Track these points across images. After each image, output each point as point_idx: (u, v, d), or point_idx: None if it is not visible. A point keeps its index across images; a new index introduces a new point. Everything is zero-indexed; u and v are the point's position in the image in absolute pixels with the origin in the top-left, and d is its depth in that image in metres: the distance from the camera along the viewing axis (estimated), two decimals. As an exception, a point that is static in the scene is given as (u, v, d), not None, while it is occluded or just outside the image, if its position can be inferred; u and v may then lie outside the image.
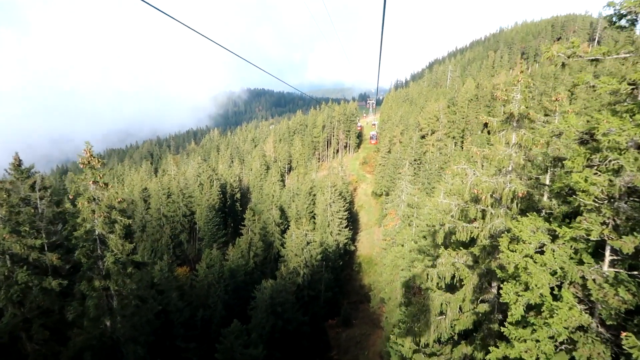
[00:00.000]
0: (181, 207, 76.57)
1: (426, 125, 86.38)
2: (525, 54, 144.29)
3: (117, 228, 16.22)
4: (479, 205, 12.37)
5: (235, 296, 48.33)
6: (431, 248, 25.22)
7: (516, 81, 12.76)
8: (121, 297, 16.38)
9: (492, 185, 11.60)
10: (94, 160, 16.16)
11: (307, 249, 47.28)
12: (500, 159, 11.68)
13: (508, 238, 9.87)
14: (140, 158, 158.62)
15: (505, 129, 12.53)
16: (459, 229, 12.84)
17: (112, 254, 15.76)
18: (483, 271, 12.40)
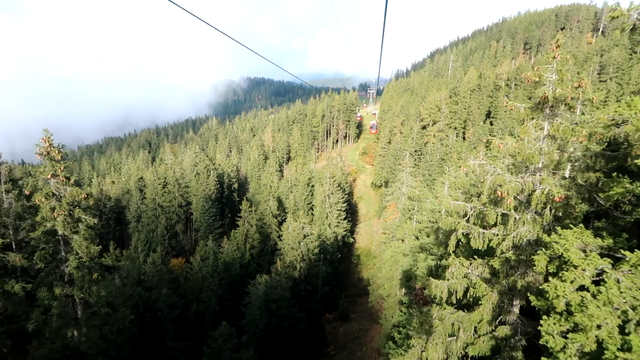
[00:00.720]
0: (177, 197, 74.62)
1: (427, 116, 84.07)
2: (528, 43, 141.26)
3: (81, 228, 14.26)
4: (499, 209, 10.43)
5: (229, 290, 46.63)
6: (435, 247, 23.33)
7: (551, 58, 10.64)
8: (87, 305, 14.51)
9: (519, 186, 9.61)
10: (53, 150, 14.09)
11: (304, 242, 45.42)
12: (530, 153, 9.66)
13: (546, 256, 7.89)
14: (138, 147, 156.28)
15: (536, 117, 10.48)
16: (474, 236, 10.86)
17: (75, 258, 13.83)
18: (504, 288, 10.46)
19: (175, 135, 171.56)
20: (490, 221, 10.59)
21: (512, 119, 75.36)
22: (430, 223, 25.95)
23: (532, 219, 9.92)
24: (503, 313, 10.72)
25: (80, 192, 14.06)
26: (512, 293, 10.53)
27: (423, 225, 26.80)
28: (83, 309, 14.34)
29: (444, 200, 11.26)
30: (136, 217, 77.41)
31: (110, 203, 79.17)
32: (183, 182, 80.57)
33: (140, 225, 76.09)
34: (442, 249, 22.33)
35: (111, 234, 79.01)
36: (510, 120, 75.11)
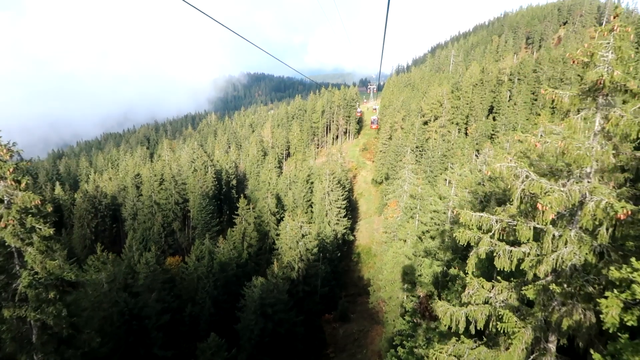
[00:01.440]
0: (173, 194, 72.65)
1: (429, 111, 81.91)
2: (530, 38, 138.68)
3: (35, 239, 12.30)
4: (533, 222, 8.45)
5: (225, 291, 44.72)
6: (440, 251, 21.38)
7: (607, 31, 8.58)
8: (44, 328, 12.60)
9: (563, 197, 7.58)
10: (1, 149, 12.04)
11: (302, 242, 43.50)
12: (581, 155, 7.60)
13: (619, 302, 5.88)
14: (136, 143, 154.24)
15: (586, 108, 8.43)
16: (499, 254, 8.90)
17: (29, 274, 11.89)
18: (540, 323, 8.48)
19: (174, 131, 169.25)
20: (521, 238, 8.63)
21: (515, 114, 73.25)
22: (435, 225, 24.01)
23: (577, 238, 7.93)
24: (538, 353, 8.75)
25: (34, 198, 12.07)
26: (548, 327, 8.57)
27: (427, 227, 24.86)
28: (39, 332, 12.45)
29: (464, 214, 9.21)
30: (132, 214, 75.55)
31: (105, 200, 77.25)
32: (180, 178, 78.58)
33: (137, 223, 74.25)
34: (449, 254, 20.42)
35: (107, 232, 77.19)
36: (514, 116, 72.99)
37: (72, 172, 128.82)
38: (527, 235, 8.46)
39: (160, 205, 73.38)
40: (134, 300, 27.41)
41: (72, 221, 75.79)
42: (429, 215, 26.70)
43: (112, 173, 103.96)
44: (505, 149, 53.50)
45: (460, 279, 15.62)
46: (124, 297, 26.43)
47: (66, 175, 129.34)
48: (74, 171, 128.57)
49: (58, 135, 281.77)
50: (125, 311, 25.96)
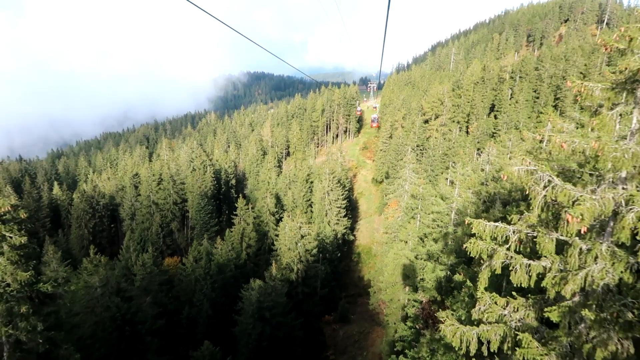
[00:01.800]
0: (172, 194, 71.67)
1: (430, 109, 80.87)
2: (531, 36, 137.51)
3: (5, 249, 11.35)
4: (555, 234, 7.45)
5: (223, 293, 43.81)
6: (444, 255, 20.39)
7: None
8: (18, 344, 11.64)
9: (596, 207, 6.56)
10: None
11: (301, 243, 42.56)
12: (618, 157, 6.55)
13: None
14: (136, 142, 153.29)
15: (624, 102, 7.37)
16: (516, 268, 7.88)
17: (0, 286, 10.95)
18: (565, 349, 7.47)
19: (173, 131, 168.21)
20: (542, 251, 7.62)
21: (517, 113, 72.16)
22: (437, 227, 23.00)
23: (609, 253, 6.90)
24: (562, 381, 7.78)
25: (4, 203, 11.13)
26: (574, 354, 7.53)
27: (430, 229, 23.82)
28: (11, 349, 11.49)
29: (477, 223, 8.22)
30: (130, 214, 74.64)
31: (103, 200, 76.29)
32: (178, 178, 77.60)
33: (135, 223, 73.35)
34: (453, 257, 19.46)
35: (105, 232, 76.25)
36: (515, 114, 71.91)
37: (70, 172, 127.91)
38: (549, 248, 7.44)
39: (159, 205, 72.44)
40: (126, 305, 26.42)
41: (70, 221, 74.88)
42: (431, 217, 25.71)
43: (111, 173, 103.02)
44: (507, 147, 52.51)
45: (467, 287, 14.68)
46: (116, 302, 25.48)
47: (65, 175, 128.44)
48: (72, 171, 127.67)
49: (58, 134, 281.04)
50: (118, 317, 25.03)
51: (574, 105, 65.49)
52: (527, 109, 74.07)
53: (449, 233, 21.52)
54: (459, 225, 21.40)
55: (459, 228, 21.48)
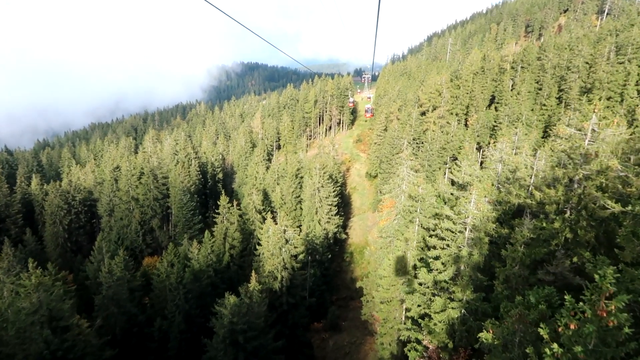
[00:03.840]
0: (152, 189, 66.41)
1: (427, 101, 75.83)
2: (530, 26, 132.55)
3: None
4: None
5: (199, 304, 38.93)
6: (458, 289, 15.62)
7: None
8: None
9: None
10: None
11: (285, 248, 37.72)
12: None
13: None
14: (124, 133, 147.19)
15: None
16: None
17: None
18: None
19: (162, 121, 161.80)
20: None
21: (519, 105, 67.35)
22: (447, 248, 18.15)
23: None
24: None
25: None
26: None
27: (437, 252, 18.78)
28: None
29: None
30: (108, 210, 69.34)
31: (79, 195, 70.79)
32: (161, 172, 72.23)
33: (113, 219, 68.10)
34: (469, 293, 14.82)
35: (82, 230, 70.90)
36: (518, 106, 67.08)
37: (54, 164, 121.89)
38: None
39: (139, 201, 67.20)
40: (58, 339, 21.26)
41: (44, 218, 69.43)
42: (439, 232, 20.63)
43: (95, 165, 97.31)
44: (513, 142, 47.76)
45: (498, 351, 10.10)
46: (45, 335, 20.44)
47: (48, 167, 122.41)
48: (56, 163, 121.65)
49: (47, 124, 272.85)
50: (46, 354, 19.99)
51: (580, 97, 60.78)
52: (530, 100, 69.31)
53: (461, 257, 16.89)
54: (476, 245, 16.76)
55: (475, 250, 16.83)
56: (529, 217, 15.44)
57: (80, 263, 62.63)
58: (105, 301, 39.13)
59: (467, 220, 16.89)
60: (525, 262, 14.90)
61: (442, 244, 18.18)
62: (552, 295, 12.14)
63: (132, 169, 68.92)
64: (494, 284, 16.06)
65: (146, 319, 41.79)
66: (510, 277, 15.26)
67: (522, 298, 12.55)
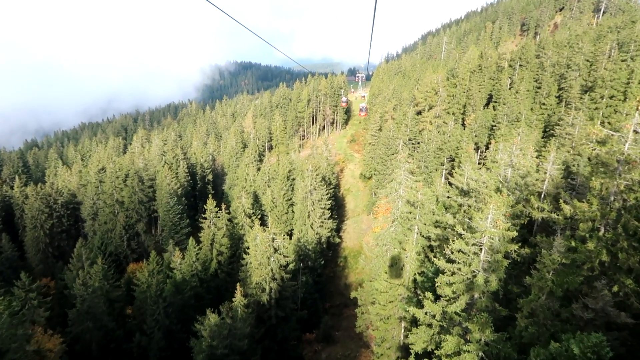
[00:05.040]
0: (137, 192, 63.11)
1: (423, 100, 73.08)
2: (525, 25, 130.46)
3: None
4: None
5: (181, 318, 35.86)
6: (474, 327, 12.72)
7: None
8: None
9: None
10: None
11: (274, 258, 34.72)
12: None
13: None
14: (113, 133, 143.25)
15: None
16: None
17: None
18: None
19: (153, 121, 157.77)
20: None
21: (518, 104, 64.76)
22: (459, 272, 15.09)
23: None
24: None
25: None
26: None
27: (447, 277, 15.63)
28: None
29: None
30: (92, 214, 65.92)
31: (61, 198, 67.26)
32: (147, 174, 68.91)
33: (97, 223, 64.73)
34: (489, 333, 11.95)
35: (65, 234, 67.40)
36: (516, 105, 64.49)
37: (40, 165, 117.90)
38: None
39: (124, 204, 63.88)
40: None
41: (25, 222, 65.85)
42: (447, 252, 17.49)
43: (82, 166, 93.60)
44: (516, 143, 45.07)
45: None
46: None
47: (35, 168, 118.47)
48: (42, 164, 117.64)
49: (38, 123, 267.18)
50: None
51: (582, 96, 58.28)
52: (529, 99, 66.82)
53: (477, 285, 14.03)
54: (493, 270, 13.92)
55: (493, 275, 13.98)
56: (559, 236, 12.72)
57: (62, 269, 59.32)
58: (80, 316, 35.94)
59: (483, 239, 14.08)
60: (556, 292, 12.17)
61: (453, 267, 15.30)
62: (602, 345, 9.29)
63: (117, 170, 65.57)
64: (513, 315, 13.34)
65: (125, 334, 38.69)
66: (536, 310, 12.54)
67: (560, 346, 9.67)
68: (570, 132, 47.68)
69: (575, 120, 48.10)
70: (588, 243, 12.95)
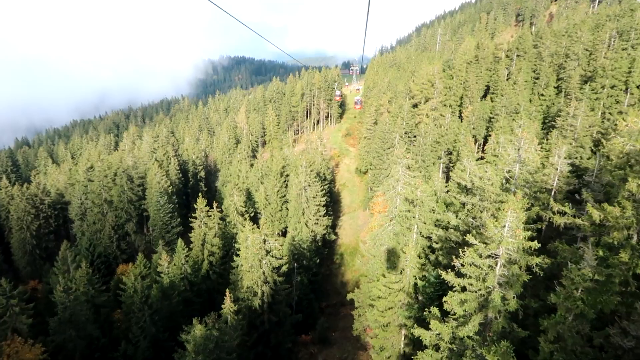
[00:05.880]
0: (125, 191, 60.79)
1: (419, 92, 70.95)
2: (520, 15, 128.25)
3: None
4: None
5: (169, 326, 33.80)
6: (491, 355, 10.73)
7: None
8: None
9: None
10: None
11: (266, 260, 32.69)
12: None
13: None
14: (105, 130, 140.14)
15: None
16: None
17: None
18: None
19: (145, 117, 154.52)
20: None
21: (516, 95, 62.77)
22: (470, 289, 12.98)
23: None
24: None
25: None
26: None
27: (458, 296, 13.43)
28: None
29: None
30: (80, 214, 63.54)
31: (48, 199, 64.80)
32: (137, 172, 66.51)
33: (85, 224, 62.37)
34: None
35: (53, 235, 65.04)
36: (515, 96, 62.50)
37: (30, 164, 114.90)
38: None
39: (113, 203, 61.54)
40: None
41: (11, 223, 63.39)
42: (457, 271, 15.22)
43: (73, 164, 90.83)
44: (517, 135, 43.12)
45: None
46: None
47: (24, 167, 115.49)
48: (32, 162, 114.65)
49: (29, 121, 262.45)
50: None
51: (582, 86, 56.31)
52: (527, 90, 64.92)
53: (493, 304, 12.09)
54: (511, 286, 11.95)
55: (511, 292, 12.00)
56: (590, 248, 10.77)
57: (50, 271, 57.13)
58: (62, 324, 33.80)
59: (499, 251, 12.10)
60: (588, 315, 10.27)
61: (464, 282, 13.28)
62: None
63: (105, 168, 63.16)
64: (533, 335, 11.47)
65: (111, 341, 36.59)
66: (564, 334, 10.60)
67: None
68: (572, 123, 45.71)
69: (577, 111, 46.15)
70: (621, 253, 11.03)
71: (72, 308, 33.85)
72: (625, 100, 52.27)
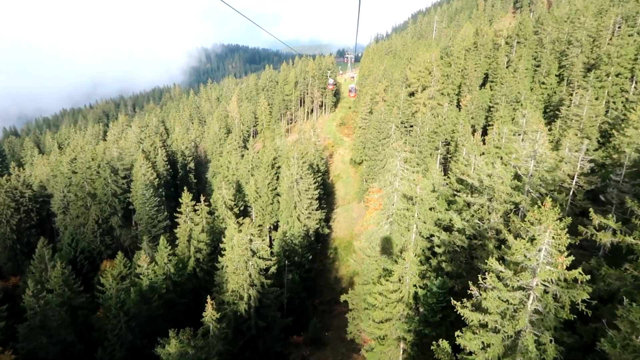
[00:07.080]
0: (109, 183, 57.62)
1: (415, 80, 67.71)
2: (518, 2, 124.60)
3: None
4: None
5: (148, 331, 31.11)
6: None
7: None
8: None
9: None
10: None
11: (252, 262, 29.94)
12: None
13: None
14: (94, 120, 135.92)
15: None
16: None
17: None
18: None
19: (136, 106, 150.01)
20: None
21: (517, 83, 59.84)
22: (494, 328, 10.15)
23: None
24: None
25: None
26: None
27: (479, 339, 10.66)
28: None
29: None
30: (62, 207, 60.37)
31: (29, 192, 61.44)
32: (122, 164, 63.25)
33: (68, 218, 59.23)
34: None
35: (35, 229, 61.82)
36: (515, 84, 59.57)
37: (16, 154, 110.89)
38: None
39: (97, 196, 58.40)
40: None
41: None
42: (476, 305, 12.24)
43: (59, 155, 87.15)
44: (520, 126, 40.39)
45: None
46: None
47: (11, 157, 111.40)
48: (18, 153, 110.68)
49: (20, 110, 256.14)
50: None
51: (586, 74, 53.45)
52: (528, 78, 61.98)
53: (528, 352, 9.51)
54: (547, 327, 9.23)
55: (547, 335, 9.29)
56: None
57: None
58: (32, 331, 31.00)
59: (533, 282, 9.40)
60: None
61: (486, 320, 10.51)
62: None
63: (89, 160, 59.79)
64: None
65: (89, 346, 33.89)
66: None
67: None
68: (577, 113, 42.96)
69: (582, 100, 43.40)
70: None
71: (43, 313, 31.03)
72: (631, 89, 49.54)
